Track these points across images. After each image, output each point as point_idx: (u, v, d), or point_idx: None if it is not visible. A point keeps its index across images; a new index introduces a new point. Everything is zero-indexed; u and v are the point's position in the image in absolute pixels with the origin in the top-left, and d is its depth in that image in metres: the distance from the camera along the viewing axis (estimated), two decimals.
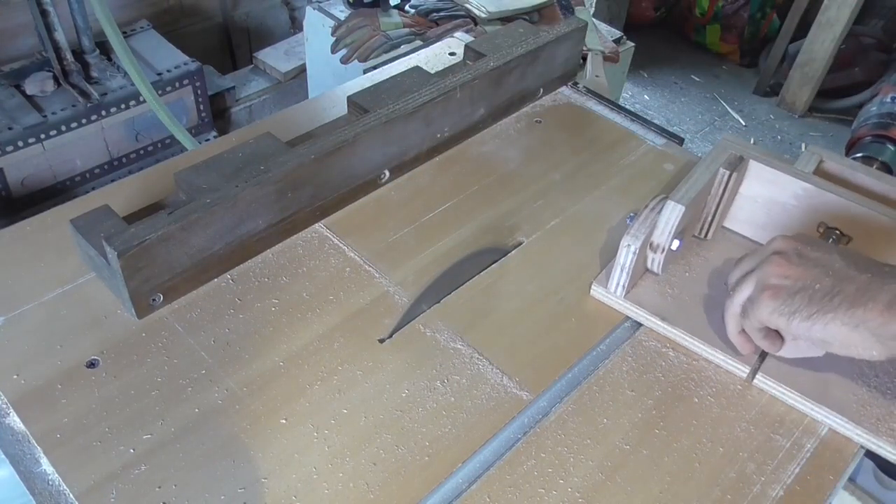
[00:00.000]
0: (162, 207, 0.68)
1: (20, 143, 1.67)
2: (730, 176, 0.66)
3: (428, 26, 1.85)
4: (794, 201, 0.66)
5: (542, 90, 0.90)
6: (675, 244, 0.64)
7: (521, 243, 0.71)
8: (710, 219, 0.70)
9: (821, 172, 0.68)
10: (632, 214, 0.66)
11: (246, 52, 2.39)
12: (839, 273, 0.51)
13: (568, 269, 0.69)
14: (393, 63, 0.98)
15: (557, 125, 0.87)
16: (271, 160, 0.66)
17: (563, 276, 0.69)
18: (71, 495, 0.50)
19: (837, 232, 0.64)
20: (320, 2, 2.00)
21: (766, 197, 0.68)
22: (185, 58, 1.94)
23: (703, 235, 0.71)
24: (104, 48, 1.83)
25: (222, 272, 0.66)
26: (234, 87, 2.13)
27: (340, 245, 0.70)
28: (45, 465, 0.52)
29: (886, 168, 0.65)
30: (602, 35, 1.92)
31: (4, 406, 0.55)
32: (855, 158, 0.68)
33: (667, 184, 0.80)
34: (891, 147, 0.67)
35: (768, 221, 0.69)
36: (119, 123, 1.84)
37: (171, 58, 1.94)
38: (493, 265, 0.69)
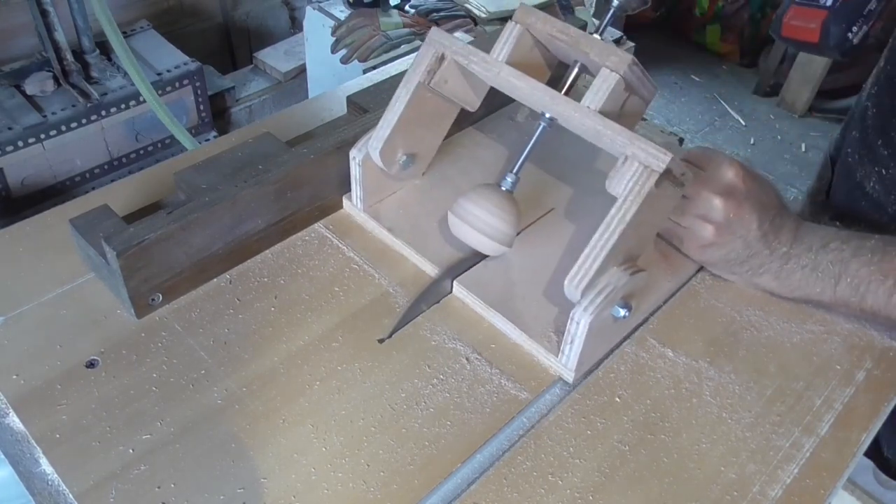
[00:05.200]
0: (161, 207, 0.68)
1: (20, 143, 1.67)
2: (430, 83, 0.64)
3: (428, 26, 1.85)
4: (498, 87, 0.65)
5: None
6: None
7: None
8: (457, 106, 0.70)
9: (526, 44, 0.64)
10: None
11: (246, 52, 2.39)
12: (752, 245, 0.64)
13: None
14: (393, 63, 0.99)
15: None
16: (271, 160, 0.66)
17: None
18: (70, 495, 0.50)
19: (547, 115, 0.61)
20: (320, 2, 2.00)
21: (482, 81, 0.67)
22: (185, 58, 1.94)
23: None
24: (104, 48, 1.84)
25: (222, 272, 0.66)
26: (234, 87, 2.13)
27: (340, 245, 0.70)
28: (45, 465, 0.52)
29: None
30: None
31: (4, 406, 0.55)
32: None
33: None
34: None
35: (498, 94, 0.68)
36: (119, 123, 1.84)
37: (171, 58, 1.94)
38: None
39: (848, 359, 0.64)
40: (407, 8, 1.91)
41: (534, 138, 0.63)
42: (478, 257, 0.67)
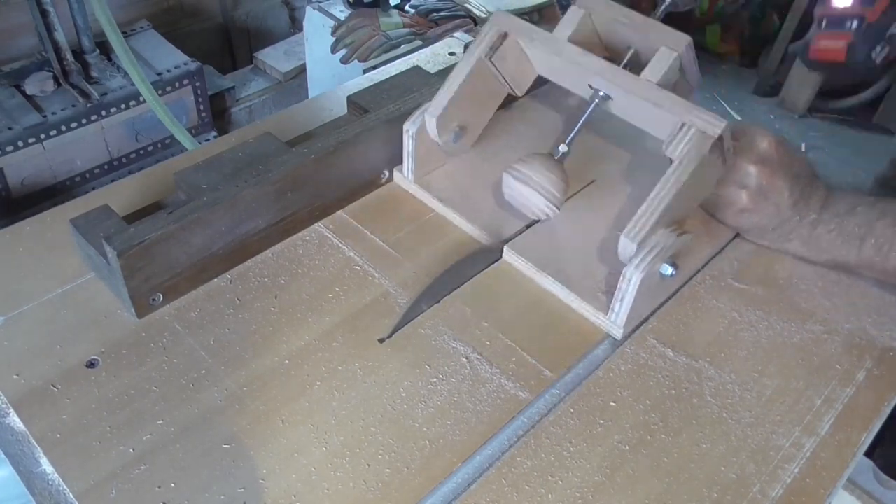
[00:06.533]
0: (162, 207, 0.68)
1: (20, 143, 1.67)
2: (491, 58, 0.68)
3: (428, 26, 1.85)
4: (561, 65, 0.69)
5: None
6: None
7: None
8: (508, 88, 0.74)
9: (587, 27, 0.69)
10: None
11: (246, 52, 2.39)
12: (783, 212, 0.67)
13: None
14: (393, 63, 0.99)
15: None
16: (271, 160, 0.66)
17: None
18: (70, 495, 0.50)
19: (601, 93, 0.66)
20: (320, 2, 2.00)
21: (544, 60, 0.71)
22: (185, 58, 1.94)
23: (517, 93, 0.75)
24: (104, 48, 1.84)
25: (222, 272, 0.66)
26: (234, 87, 2.13)
27: (340, 245, 0.70)
28: (45, 465, 0.52)
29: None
30: None
31: (4, 406, 0.55)
32: None
33: None
34: None
35: (554, 74, 0.72)
36: (119, 123, 1.84)
37: (171, 58, 1.94)
38: (494, 264, 0.69)
39: (848, 359, 0.64)
40: (407, 8, 1.91)
41: (587, 112, 0.68)
42: (524, 226, 0.71)
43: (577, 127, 0.68)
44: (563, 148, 0.68)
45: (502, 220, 0.72)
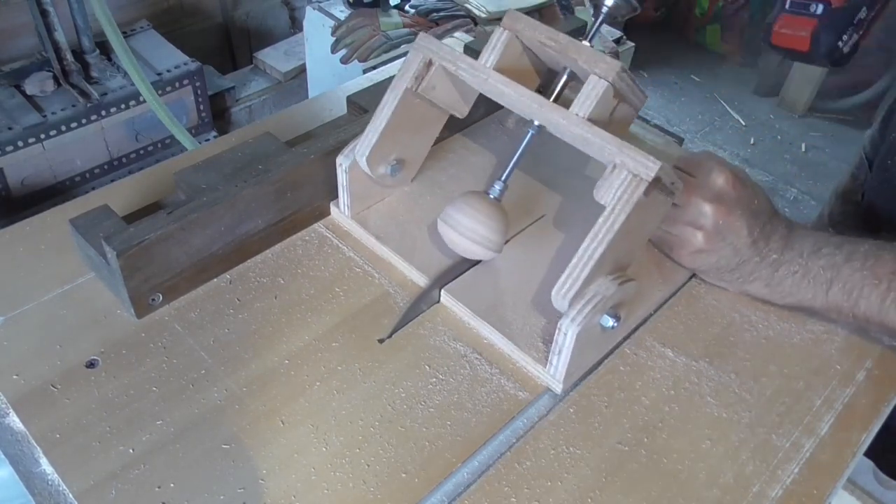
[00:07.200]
0: (161, 207, 0.68)
1: (20, 143, 1.68)
2: (418, 89, 0.63)
3: (428, 26, 1.85)
4: (490, 93, 0.64)
5: None
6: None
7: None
8: (446, 112, 0.69)
9: (515, 50, 0.62)
10: None
11: (246, 52, 2.39)
12: (742, 252, 0.63)
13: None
14: (393, 63, 0.99)
15: None
16: (271, 160, 0.66)
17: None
18: (70, 495, 0.50)
19: (536, 123, 0.62)
20: (320, 2, 2.01)
21: (471, 87, 0.65)
22: (185, 58, 1.94)
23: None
24: (104, 48, 1.84)
25: (222, 272, 0.66)
26: (234, 87, 2.14)
27: (340, 245, 0.70)
28: (45, 465, 0.52)
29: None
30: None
31: (4, 406, 0.55)
32: None
33: None
34: None
35: (491, 97, 0.66)
36: (119, 123, 1.84)
37: (171, 58, 1.94)
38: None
39: (848, 359, 0.64)
40: (407, 8, 1.91)
41: (522, 146, 0.63)
42: (467, 265, 0.67)
43: (512, 162, 0.63)
44: (498, 185, 0.63)
45: (443, 259, 0.67)
